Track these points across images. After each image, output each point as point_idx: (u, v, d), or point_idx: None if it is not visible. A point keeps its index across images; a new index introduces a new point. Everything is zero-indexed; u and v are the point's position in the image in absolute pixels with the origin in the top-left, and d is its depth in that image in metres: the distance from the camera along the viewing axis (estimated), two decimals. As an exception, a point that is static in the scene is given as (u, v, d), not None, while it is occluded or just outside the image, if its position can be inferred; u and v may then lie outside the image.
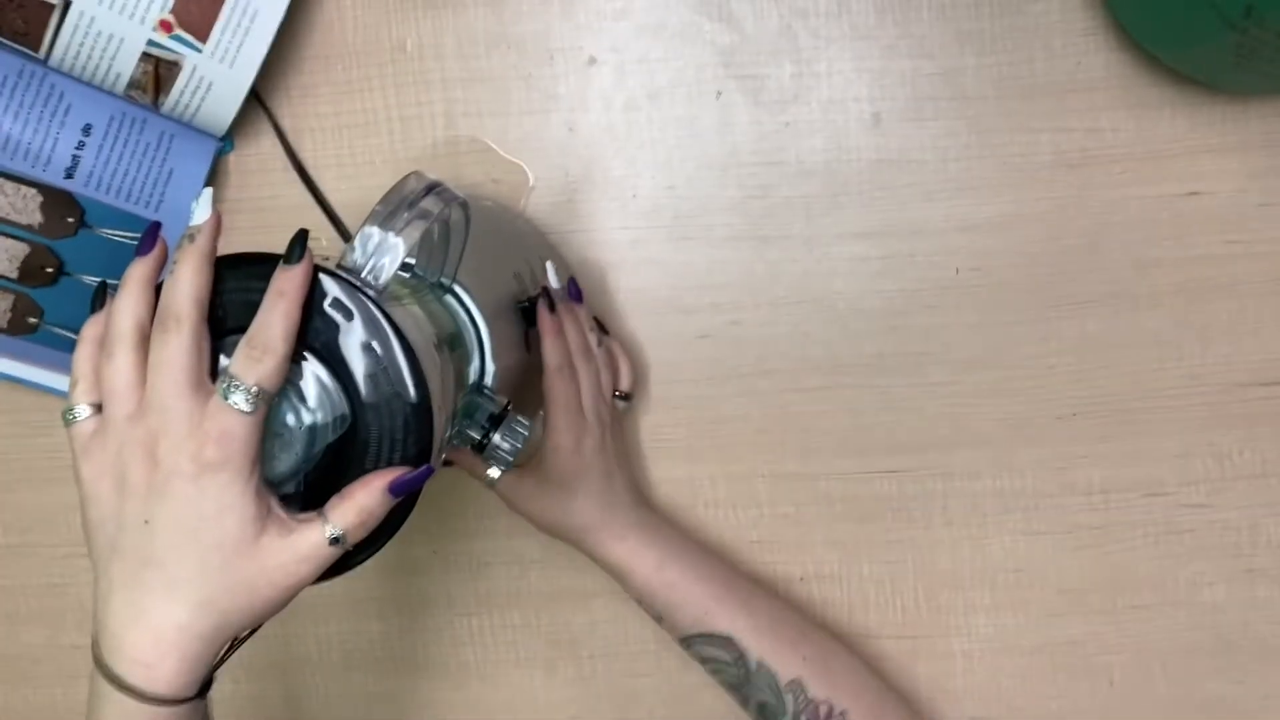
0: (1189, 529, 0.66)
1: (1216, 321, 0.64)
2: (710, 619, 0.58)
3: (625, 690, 0.69)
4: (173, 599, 0.38)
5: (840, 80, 0.63)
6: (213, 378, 0.39)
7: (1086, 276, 0.64)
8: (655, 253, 0.65)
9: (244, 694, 0.71)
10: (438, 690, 0.70)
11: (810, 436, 0.66)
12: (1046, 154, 0.63)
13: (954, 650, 0.67)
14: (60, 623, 0.71)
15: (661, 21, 0.63)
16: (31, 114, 0.59)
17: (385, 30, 0.64)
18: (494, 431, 0.51)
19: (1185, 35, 0.54)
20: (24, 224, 0.61)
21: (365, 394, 0.39)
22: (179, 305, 0.38)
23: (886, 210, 0.64)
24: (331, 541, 0.39)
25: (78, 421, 0.41)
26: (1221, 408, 0.64)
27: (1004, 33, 0.62)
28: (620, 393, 0.61)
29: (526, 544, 0.68)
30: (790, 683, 0.57)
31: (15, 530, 0.71)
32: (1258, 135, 0.62)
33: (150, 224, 0.42)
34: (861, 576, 0.67)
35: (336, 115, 0.65)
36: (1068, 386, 0.65)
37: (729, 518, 0.67)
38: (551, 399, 0.56)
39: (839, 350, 0.65)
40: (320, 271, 0.39)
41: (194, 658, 0.39)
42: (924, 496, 0.66)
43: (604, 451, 0.58)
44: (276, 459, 0.40)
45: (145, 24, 0.57)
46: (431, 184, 0.43)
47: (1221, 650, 0.66)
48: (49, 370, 0.65)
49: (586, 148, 0.64)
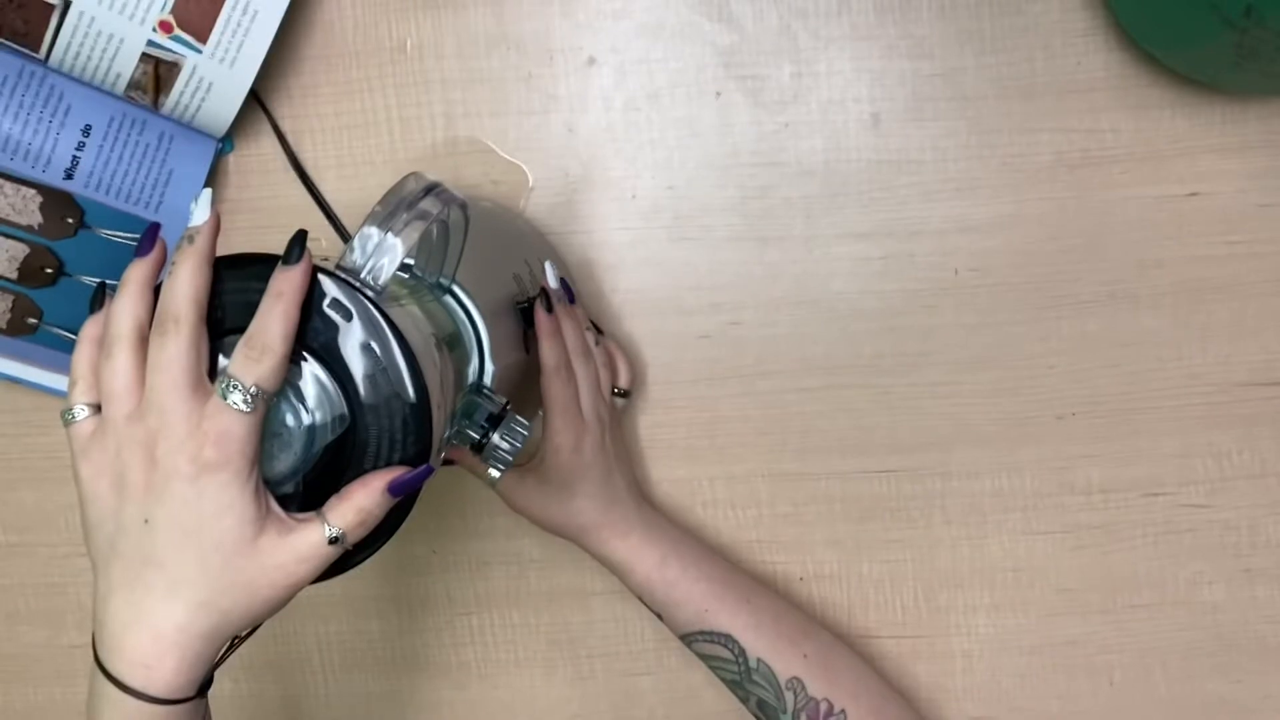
0: (1188, 529, 0.66)
1: (1216, 321, 0.64)
2: (710, 617, 0.58)
3: (625, 690, 0.69)
4: (172, 599, 0.38)
5: (840, 80, 0.63)
6: (212, 378, 0.39)
7: (1086, 276, 0.64)
8: (655, 253, 0.65)
9: (243, 694, 0.71)
10: (438, 690, 0.70)
11: (810, 436, 0.66)
12: (1046, 154, 0.63)
13: (954, 650, 0.67)
14: (60, 622, 0.71)
15: (661, 21, 0.63)
16: (31, 114, 0.59)
17: (385, 30, 0.64)
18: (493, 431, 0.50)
19: (1185, 35, 0.54)
20: (24, 224, 0.61)
21: (364, 394, 0.39)
22: (177, 306, 0.38)
23: (886, 210, 0.64)
24: (330, 541, 0.39)
25: (77, 422, 0.41)
26: (1221, 408, 0.64)
27: (1004, 33, 0.62)
28: (619, 390, 0.62)
29: (526, 544, 0.68)
30: (790, 680, 0.57)
31: (15, 530, 0.71)
32: (1258, 135, 0.62)
33: (149, 225, 0.42)
34: (861, 576, 0.67)
35: (336, 115, 0.65)
36: (1068, 386, 0.65)
37: (729, 518, 0.67)
38: (549, 400, 0.56)
39: (838, 350, 0.65)
40: (319, 272, 0.39)
41: (193, 658, 0.39)
42: (923, 496, 0.66)
43: (604, 450, 0.58)
44: (275, 459, 0.40)
45: (145, 24, 0.57)
46: (431, 185, 0.43)
47: (1221, 650, 0.66)
48: (48, 370, 0.65)
49: (586, 148, 0.64)
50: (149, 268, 0.41)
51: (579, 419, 0.57)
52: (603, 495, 0.58)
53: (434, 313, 0.48)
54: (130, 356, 0.39)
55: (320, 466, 0.40)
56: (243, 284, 0.39)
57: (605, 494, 0.58)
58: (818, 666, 0.58)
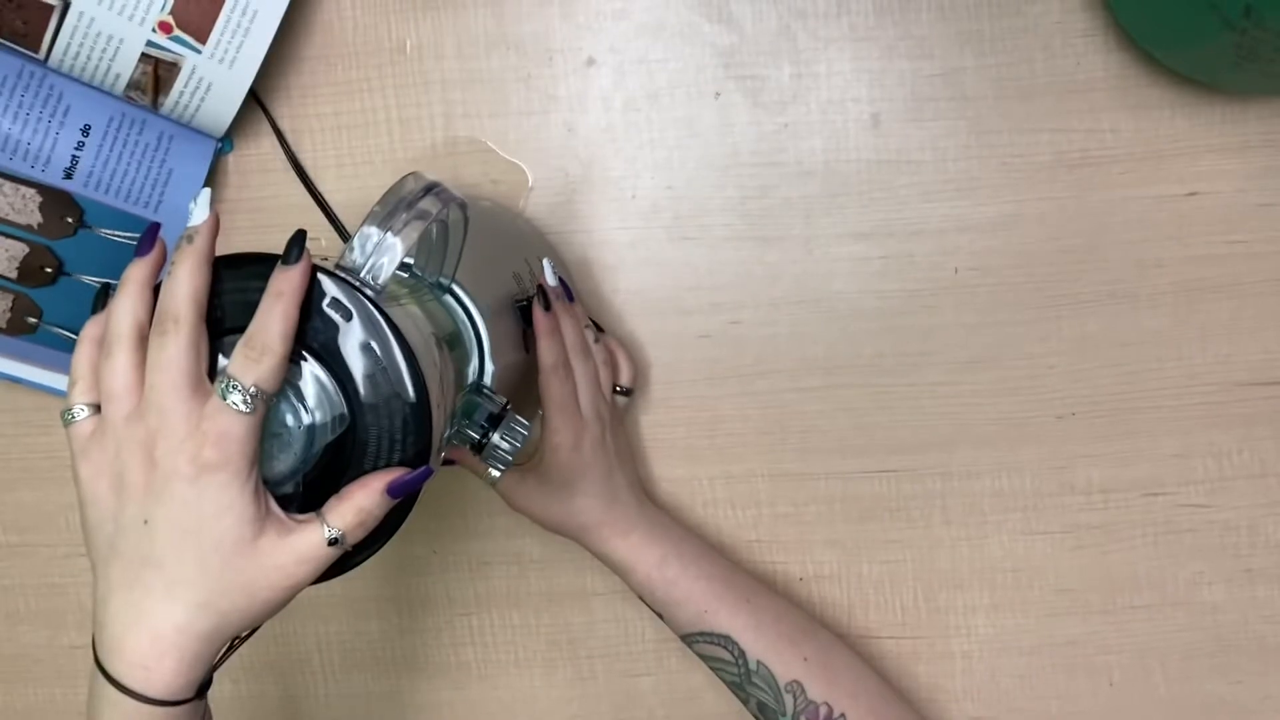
0: (1188, 529, 0.66)
1: (1216, 321, 0.64)
2: (710, 617, 0.58)
3: (625, 690, 0.69)
4: (171, 600, 0.38)
5: (839, 81, 0.63)
6: (212, 378, 0.39)
7: (1086, 276, 0.64)
8: (654, 253, 0.65)
9: (243, 694, 0.71)
10: (438, 690, 0.70)
11: (810, 436, 0.66)
12: (1046, 154, 0.63)
13: (953, 650, 0.67)
14: (60, 623, 0.71)
15: (661, 22, 0.63)
16: (31, 114, 0.59)
17: (385, 31, 0.64)
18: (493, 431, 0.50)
19: (1185, 35, 0.54)
20: (23, 224, 0.61)
21: (364, 394, 0.39)
22: (177, 306, 0.38)
23: (885, 210, 0.64)
24: (330, 543, 0.39)
25: (76, 422, 0.41)
26: (1221, 407, 0.64)
27: (1004, 33, 0.62)
28: (620, 388, 0.61)
29: (526, 544, 0.68)
30: (790, 684, 0.57)
31: (15, 530, 0.71)
32: (1258, 135, 0.62)
33: (149, 225, 0.42)
34: (861, 576, 0.67)
35: (336, 115, 0.65)
36: (1067, 386, 0.65)
37: (729, 518, 0.67)
38: (547, 398, 0.56)
39: (838, 350, 0.65)
40: (319, 271, 0.39)
41: (192, 659, 0.39)
42: (923, 496, 0.66)
43: (604, 449, 0.58)
44: (275, 459, 0.40)
45: (145, 25, 0.57)
46: (430, 184, 0.43)
47: (1221, 650, 0.66)
48: (48, 370, 0.65)
49: (586, 148, 0.64)
50: (149, 267, 0.40)
51: (577, 417, 0.57)
52: (603, 494, 0.58)
53: (434, 312, 0.48)
54: (129, 357, 0.39)
55: (320, 466, 0.40)
56: (242, 284, 0.39)
57: (606, 492, 0.58)
58: (818, 668, 0.57)
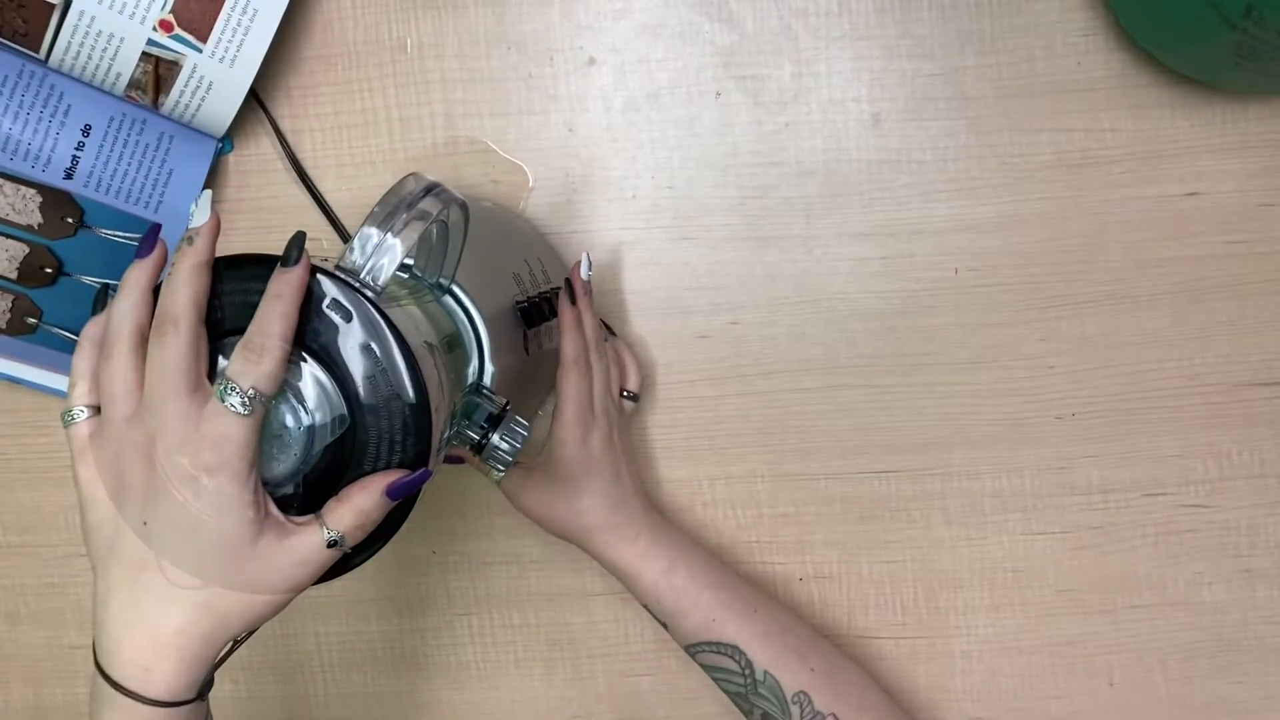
0: (1188, 529, 0.66)
1: (1216, 321, 0.64)
2: (718, 626, 0.57)
3: (625, 690, 0.69)
4: (171, 602, 0.38)
5: (840, 80, 0.63)
6: (212, 379, 0.39)
7: (1086, 276, 0.64)
8: (655, 253, 0.65)
9: (243, 695, 0.71)
10: (438, 690, 0.70)
11: (810, 436, 0.66)
12: (1046, 154, 0.63)
13: (953, 650, 0.67)
14: (60, 623, 0.71)
15: (661, 21, 0.63)
16: (31, 114, 0.59)
17: (385, 30, 0.64)
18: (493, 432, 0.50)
19: (1185, 35, 0.54)
20: (23, 224, 0.61)
21: (364, 395, 0.39)
22: (176, 308, 0.38)
23: (886, 210, 0.64)
24: (329, 544, 0.39)
25: (76, 423, 0.41)
26: (1220, 408, 0.64)
27: (1004, 33, 0.62)
28: (628, 393, 0.61)
29: (527, 544, 0.68)
30: (796, 694, 0.56)
31: (15, 530, 0.71)
32: (1258, 135, 0.62)
33: (150, 226, 0.42)
34: (861, 577, 0.67)
35: (336, 115, 0.65)
36: (1067, 386, 0.65)
37: (729, 518, 0.67)
38: (564, 391, 0.55)
39: (838, 350, 0.65)
40: (319, 272, 0.39)
41: (192, 660, 0.39)
42: (923, 496, 0.66)
43: (611, 448, 0.58)
44: (275, 460, 0.40)
45: (145, 24, 0.57)
46: (430, 185, 0.43)
47: (1221, 650, 0.66)
48: (48, 370, 0.65)
49: (586, 148, 0.64)
50: (149, 269, 0.40)
51: (589, 413, 0.56)
52: (610, 495, 0.58)
53: (434, 313, 0.48)
54: (129, 358, 0.39)
55: (320, 467, 0.40)
56: (242, 285, 0.39)
57: (613, 494, 0.58)
58: (825, 680, 0.57)
